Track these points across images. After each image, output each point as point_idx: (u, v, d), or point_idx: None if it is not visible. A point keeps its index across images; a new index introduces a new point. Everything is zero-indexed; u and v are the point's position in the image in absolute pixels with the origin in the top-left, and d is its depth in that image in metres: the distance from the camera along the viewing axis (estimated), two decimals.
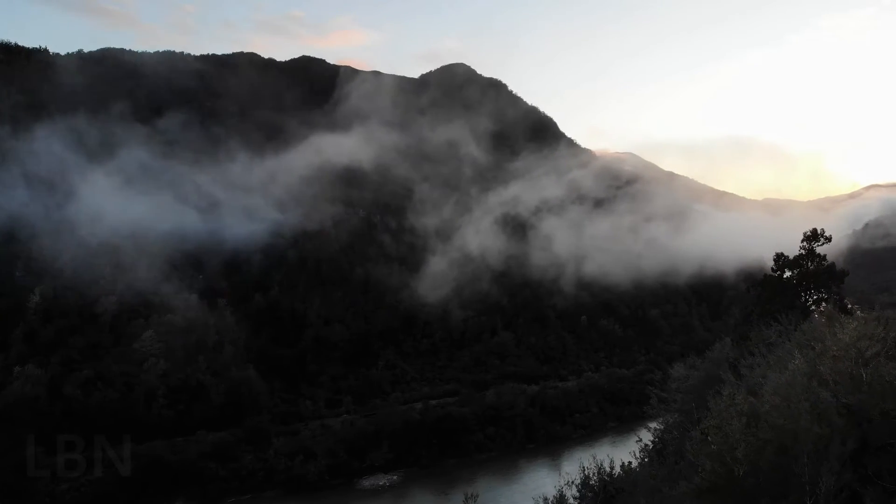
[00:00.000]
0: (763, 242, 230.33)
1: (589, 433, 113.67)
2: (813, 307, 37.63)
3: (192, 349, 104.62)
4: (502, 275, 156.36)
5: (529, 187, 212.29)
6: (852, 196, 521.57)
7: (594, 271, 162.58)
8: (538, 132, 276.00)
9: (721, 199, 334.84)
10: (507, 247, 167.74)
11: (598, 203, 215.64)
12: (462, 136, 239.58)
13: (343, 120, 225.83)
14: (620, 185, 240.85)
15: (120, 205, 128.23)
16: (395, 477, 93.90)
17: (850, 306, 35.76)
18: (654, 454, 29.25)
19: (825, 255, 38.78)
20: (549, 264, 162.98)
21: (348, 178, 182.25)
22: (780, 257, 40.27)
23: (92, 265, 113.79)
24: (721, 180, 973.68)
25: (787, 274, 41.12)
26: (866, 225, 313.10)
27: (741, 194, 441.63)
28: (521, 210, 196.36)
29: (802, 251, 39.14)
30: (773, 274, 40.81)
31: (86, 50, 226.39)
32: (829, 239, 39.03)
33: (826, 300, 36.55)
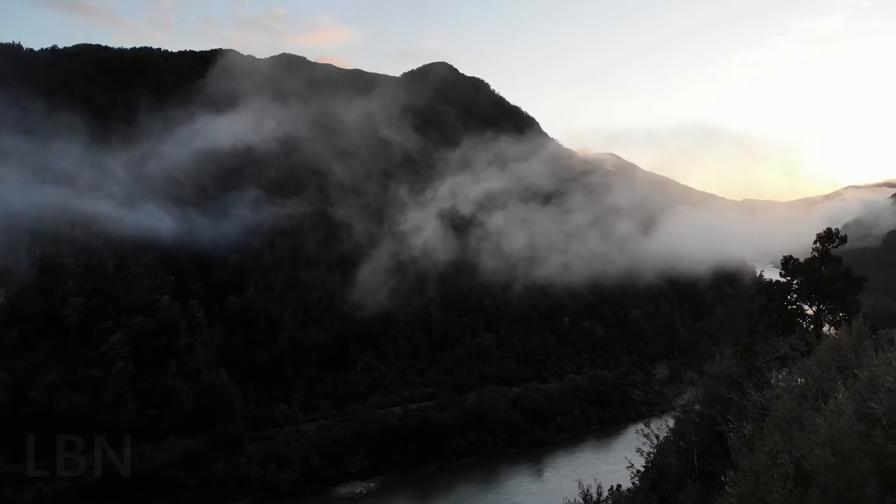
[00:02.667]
0: (744, 243, 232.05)
1: (571, 437, 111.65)
2: (830, 317, 34.55)
3: (162, 352, 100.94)
4: (452, 276, 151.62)
5: (482, 178, 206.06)
6: (830, 197, 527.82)
7: (572, 270, 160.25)
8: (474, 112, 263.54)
9: (701, 199, 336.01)
10: (455, 245, 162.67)
11: (566, 199, 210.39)
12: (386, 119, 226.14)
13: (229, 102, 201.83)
14: (576, 177, 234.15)
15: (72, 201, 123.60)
16: (372, 484, 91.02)
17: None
18: (648, 485, 26.48)
19: (841, 258, 35.88)
20: (500, 265, 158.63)
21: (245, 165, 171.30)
22: (788, 261, 37.26)
23: (59, 265, 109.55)
24: (703, 181, 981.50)
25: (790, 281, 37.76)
26: (845, 225, 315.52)
27: (721, 194, 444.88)
28: (473, 203, 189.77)
29: (815, 254, 36.12)
30: (782, 279, 37.62)
31: (60, 46, 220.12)
32: (843, 240, 36.19)
33: (843, 310, 33.37)
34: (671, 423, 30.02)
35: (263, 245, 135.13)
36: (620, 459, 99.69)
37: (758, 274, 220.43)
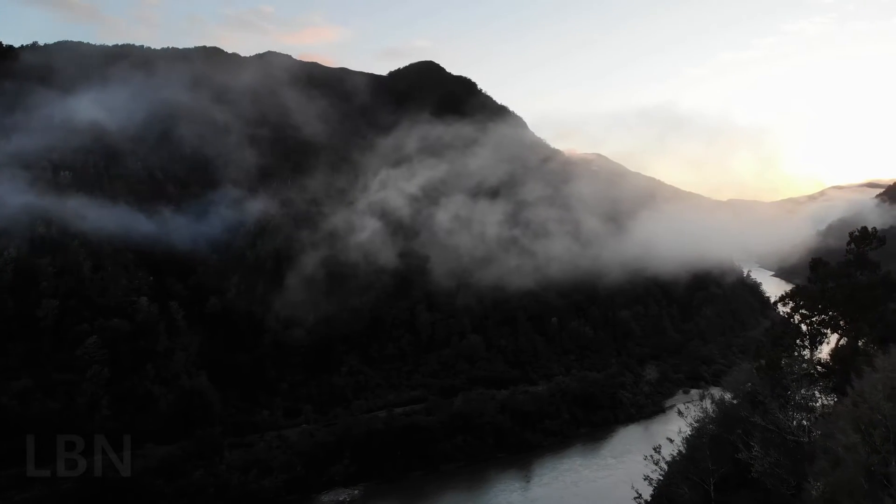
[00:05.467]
0: (730, 243, 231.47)
1: (560, 440, 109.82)
2: (868, 330, 31.17)
3: (139, 356, 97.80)
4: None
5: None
6: (815, 197, 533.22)
7: (558, 270, 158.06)
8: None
9: (686, 199, 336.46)
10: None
11: (548, 193, 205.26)
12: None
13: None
14: (551, 171, 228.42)
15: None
16: (356, 491, 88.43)
17: None
18: None
19: (879, 263, 32.75)
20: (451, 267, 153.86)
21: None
22: (818, 264, 34.07)
23: (34, 266, 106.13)
24: (689, 181, 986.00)
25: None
26: (830, 226, 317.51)
27: (706, 194, 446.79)
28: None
29: (850, 256, 33.02)
30: (811, 285, 34.03)
31: (41, 42, 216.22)
32: (882, 241, 32.98)
33: (881, 322, 30.10)
34: (680, 444, 27.36)
35: (246, 245, 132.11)
36: (605, 466, 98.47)
37: (745, 274, 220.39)
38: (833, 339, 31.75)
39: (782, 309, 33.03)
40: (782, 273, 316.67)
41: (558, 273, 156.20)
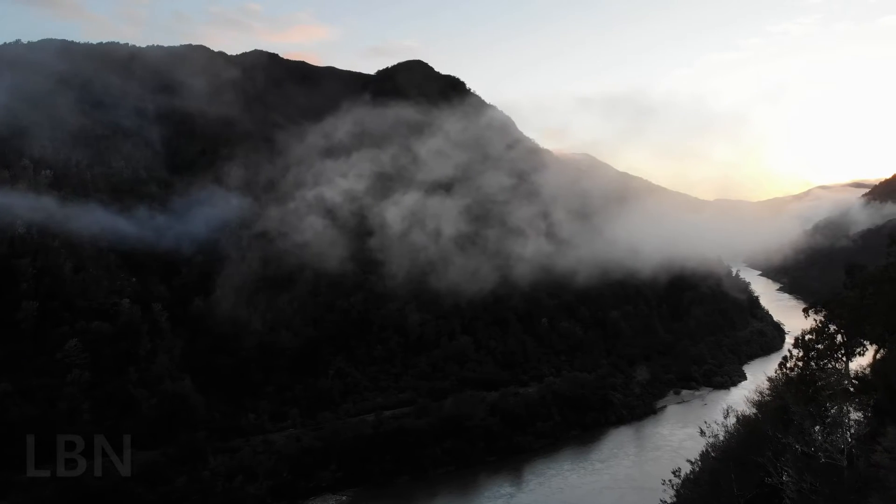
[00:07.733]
0: (719, 242, 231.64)
1: (551, 442, 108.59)
2: None
3: (121, 359, 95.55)
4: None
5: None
6: (801, 197, 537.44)
7: (550, 269, 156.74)
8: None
9: (673, 198, 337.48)
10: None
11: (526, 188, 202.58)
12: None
13: None
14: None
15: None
16: (344, 497, 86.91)
17: None
18: None
19: None
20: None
21: None
22: (854, 269, 31.41)
23: (13, 267, 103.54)
24: (677, 182, 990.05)
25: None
26: (816, 225, 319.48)
27: (693, 194, 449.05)
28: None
29: (892, 258, 30.09)
30: (847, 291, 31.05)
31: (24, 40, 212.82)
32: None
33: None
34: (695, 465, 25.71)
35: (231, 245, 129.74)
36: (592, 471, 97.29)
37: (734, 273, 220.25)
38: (862, 350, 29.55)
39: (814, 317, 30.33)
40: (769, 272, 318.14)
41: (543, 273, 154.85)
